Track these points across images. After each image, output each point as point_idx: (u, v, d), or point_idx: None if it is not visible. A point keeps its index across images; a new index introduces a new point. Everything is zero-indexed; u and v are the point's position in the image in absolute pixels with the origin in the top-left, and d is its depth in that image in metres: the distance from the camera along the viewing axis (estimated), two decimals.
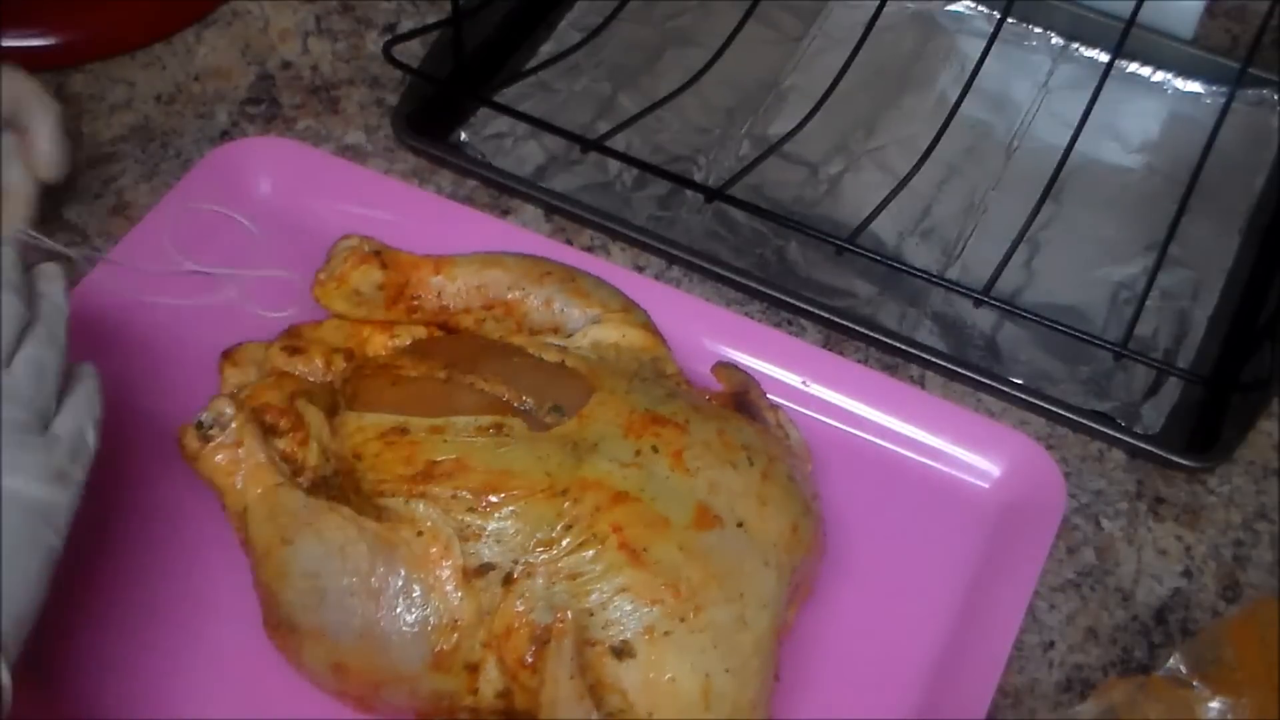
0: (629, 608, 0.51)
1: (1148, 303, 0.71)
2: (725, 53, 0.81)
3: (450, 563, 0.52)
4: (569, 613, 0.50)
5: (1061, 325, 0.67)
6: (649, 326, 0.62)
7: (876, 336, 0.70)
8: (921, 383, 0.69)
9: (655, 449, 0.55)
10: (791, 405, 0.66)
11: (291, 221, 0.71)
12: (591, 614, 0.51)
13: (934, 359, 0.69)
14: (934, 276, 0.70)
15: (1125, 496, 0.66)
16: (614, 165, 0.77)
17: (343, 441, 0.56)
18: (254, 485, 0.55)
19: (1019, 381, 0.69)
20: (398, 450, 0.54)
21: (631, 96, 0.81)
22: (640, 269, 0.72)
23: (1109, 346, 0.68)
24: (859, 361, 0.69)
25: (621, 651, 0.51)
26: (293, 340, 0.62)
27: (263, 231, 0.70)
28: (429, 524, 0.52)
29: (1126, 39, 0.81)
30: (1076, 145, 0.75)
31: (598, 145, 0.74)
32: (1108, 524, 0.65)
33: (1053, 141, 0.79)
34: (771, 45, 0.85)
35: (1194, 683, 0.52)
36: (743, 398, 0.60)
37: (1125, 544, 0.65)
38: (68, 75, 0.78)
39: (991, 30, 0.82)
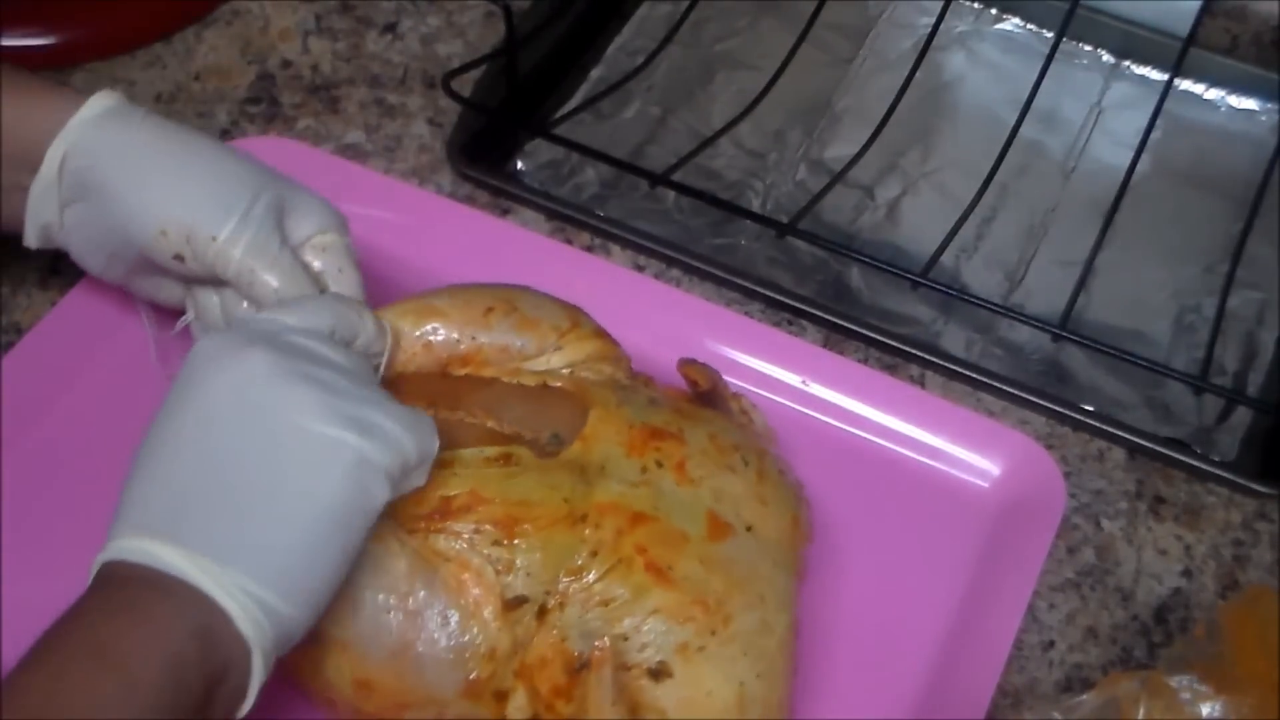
0: (663, 628, 0.51)
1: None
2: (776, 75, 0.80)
3: (488, 593, 0.50)
4: (606, 640, 0.50)
5: (1141, 360, 0.67)
6: (600, 332, 0.60)
7: (876, 337, 0.70)
8: (921, 383, 0.69)
9: (659, 464, 0.55)
10: (791, 405, 0.66)
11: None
12: (626, 638, 0.51)
13: (934, 359, 0.69)
14: (1010, 311, 0.69)
15: (1125, 496, 0.66)
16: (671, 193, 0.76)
17: None
18: None
19: (1019, 380, 0.69)
20: None
21: (683, 120, 0.81)
22: (640, 269, 0.72)
23: (1189, 380, 0.68)
24: (859, 361, 0.69)
25: (659, 673, 0.51)
26: None
27: None
28: (455, 556, 0.51)
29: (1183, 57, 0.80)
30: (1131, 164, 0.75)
31: (665, 180, 0.73)
32: (1108, 524, 0.65)
33: (1110, 162, 0.79)
34: (823, 67, 0.84)
35: (1194, 681, 0.52)
36: (711, 392, 0.60)
37: (1125, 544, 0.65)
38: (68, 75, 0.78)
39: (1039, 47, 0.82)
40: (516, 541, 0.51)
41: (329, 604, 0.47)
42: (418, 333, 0.57)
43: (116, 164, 0.57)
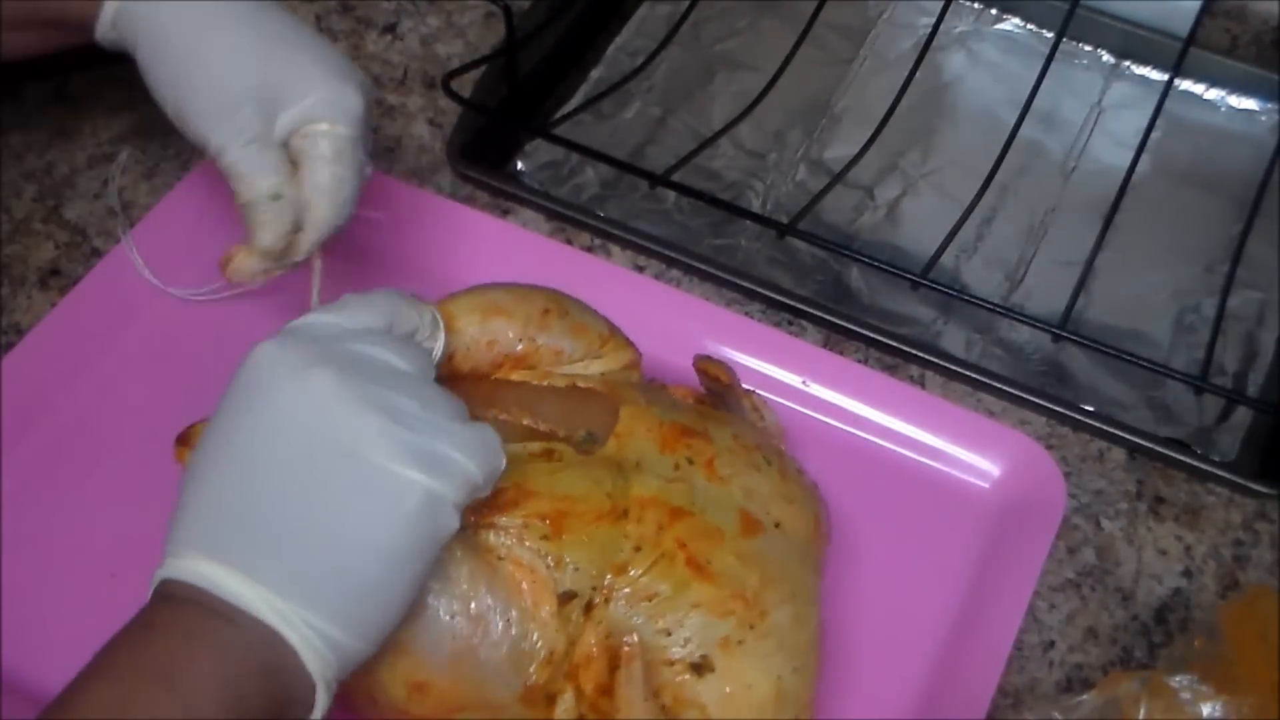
0: (704, 623, 0.51)
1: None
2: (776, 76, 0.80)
3: (544, 591, 0.50)
4: (636, 636, 0.50)
5: (1141, 360, 0.67)
6: (631, 343, 0.61)
7: (876, 337, 0.70)
8: (921, 383, 0.69)
9: (690, 461, 0.55)
10: (791, 405, 0.66)
11: None
12: (669, 633, 0.51)
13: (934, 359, 0.69)
14: (1010, 311, 0.69)
15: (1125, 496, 0.66)
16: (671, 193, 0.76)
17: None
18: None
19: (1019, 380, 0.69)
20: None
21: (683, 120, 0.81)
22: (640, 269, 0.72)
23: (1189, 380, 0.67)
24: (859, 361, 0.69)
25: (701, 666, 0.51)
26: None
27: None
28: (509, 553, 0.50)
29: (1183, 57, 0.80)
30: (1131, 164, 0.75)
31: (665, 180, 0.73)
32: (1108, 524, 0.65)
33: (1110, 162, 0.79)
34: (822, 67, 0.84)
35: (1194, 682, 0.52)
36: (727, 389, 0.60)
37: (1125, 544, 0.65)
38: (68, 75, 0.78)
39: (1039, 47, 0.82)
40: (564, 536, 0.51)
41: (395, 629, 0.47)
42: (484, 330, 0.57)
43: (141, 42, 0.60)
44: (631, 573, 0.51)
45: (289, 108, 0.59)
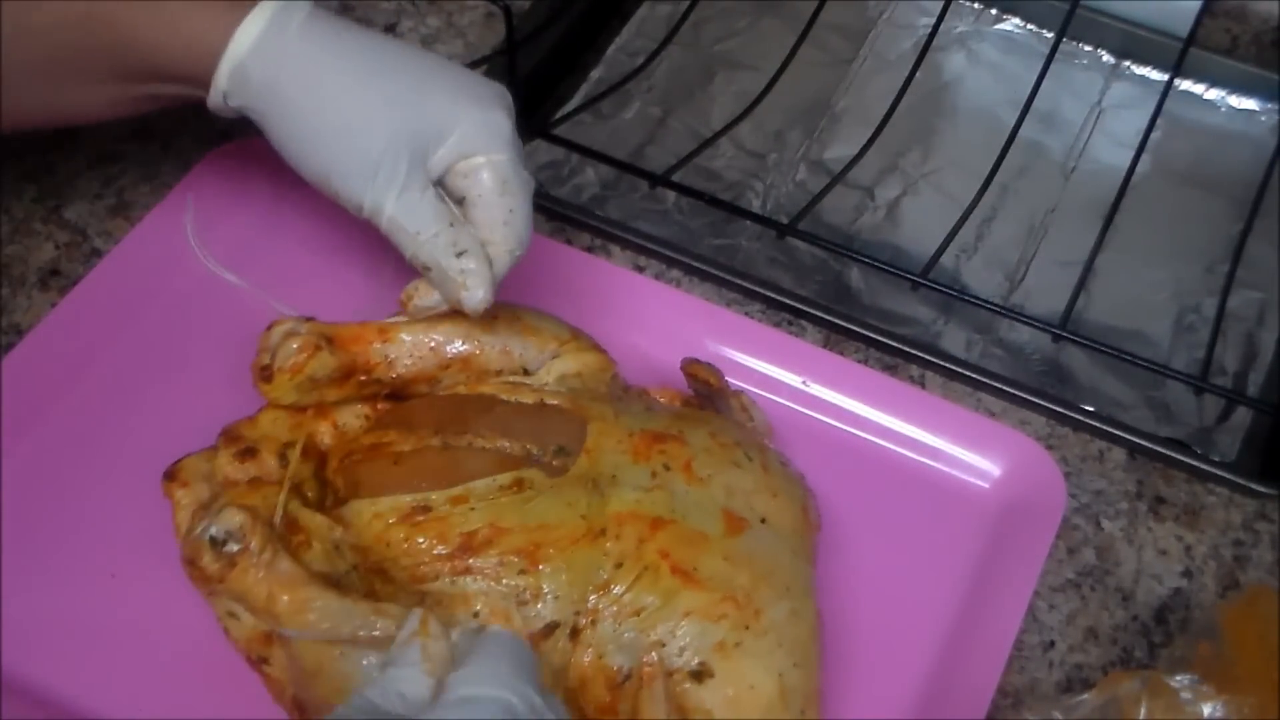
0: (697, 629, 0.51)
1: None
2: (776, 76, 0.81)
3: (518, 635, 0.49)
4: (656, 655, 0.50)
5: (1141, 360, 0.67)
6: (598, 347, 0.61)
7: (876, 337, 0.70)
8: (921, 383, 0.69)
9: (667, 467, 0.55)
10: (791, 405, 0.66)
11: (291, 223, 0.71)
12: (663, 644, 0.51)
13: (934, 359, 0.69)
14: (1010, 311, 0.69)
15: (1125, 496, 0.66)
16: (671, 193, 0.77)
17: (360, 533, 0.53)
18: (282, 593, 0.49)
19: (1019, 380, 0.69)
20: (427, 530, 0.52)
21: (683, 120, 0.81)
22: (640, 269, 0.72)
23: (1189, 380, 0.68)
24: (859, 361, 0.69)
25: (701, 674, 0.51)
26: (239, 443, 0.57)
27: (263, 233, 0.70)
28: (483, 600, 0.50)
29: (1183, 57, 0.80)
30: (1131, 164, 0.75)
31: (665, 181, 0.73)
32: (1108, 524, 0.65)
33: (1110, 162, 0.79)
34: (822, 67, 0.84)
35: (1195, 681, 0.52)
36: (716, 393, 0.60)
37: (1125, 544, 0.65)
38: None
39: (1039, 47, 0.82)
40: (541, 567, 0.51)
41: None
42: (428, 334, 0.58)
43: (266, 112, 0.57)
44: (615, 590, 0.51)
45: (438, 147, 0.56)
